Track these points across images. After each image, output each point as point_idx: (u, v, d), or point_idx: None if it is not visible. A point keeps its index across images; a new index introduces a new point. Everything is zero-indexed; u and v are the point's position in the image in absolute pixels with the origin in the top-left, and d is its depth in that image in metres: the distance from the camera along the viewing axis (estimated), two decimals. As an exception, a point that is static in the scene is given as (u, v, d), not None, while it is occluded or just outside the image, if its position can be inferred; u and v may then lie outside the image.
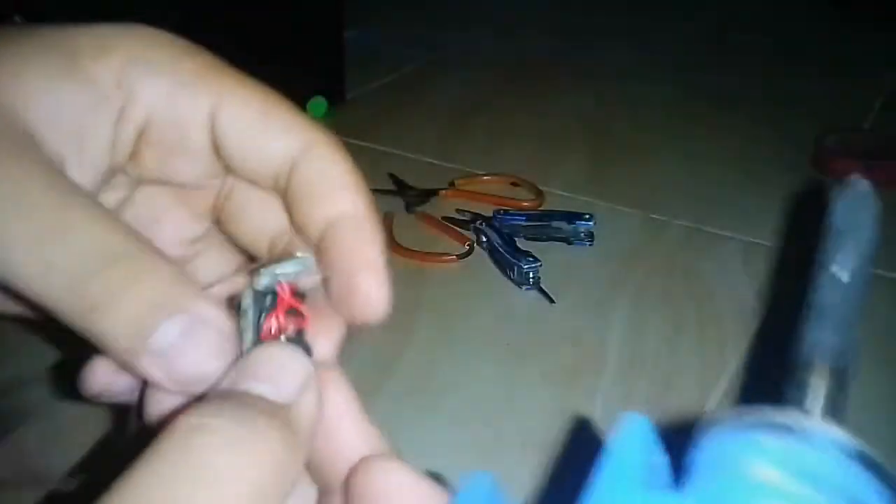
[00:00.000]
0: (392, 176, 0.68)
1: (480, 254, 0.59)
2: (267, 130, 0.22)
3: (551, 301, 0.53)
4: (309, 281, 0.21)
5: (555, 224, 0.61)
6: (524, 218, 0.61)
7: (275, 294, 0.20)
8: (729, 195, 0.66)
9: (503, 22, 1.17)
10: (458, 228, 0.61)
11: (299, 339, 0.20)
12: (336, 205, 0.22)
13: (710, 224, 0.62)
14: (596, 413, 0.44)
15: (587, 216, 0.60)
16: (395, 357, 0.49)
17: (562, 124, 0.81)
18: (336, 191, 0.22)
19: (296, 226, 0.23)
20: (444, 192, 0.67)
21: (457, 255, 0.58)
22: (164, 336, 0.18)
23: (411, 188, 0.66)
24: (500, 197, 0.66)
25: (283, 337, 0.20)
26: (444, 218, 0.63)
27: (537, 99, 0.88)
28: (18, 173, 0.18)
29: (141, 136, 0.23)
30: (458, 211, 0.64)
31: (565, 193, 0.67)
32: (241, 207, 0.24)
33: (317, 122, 0.23)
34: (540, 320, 0.52)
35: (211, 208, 0.25)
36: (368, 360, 0.48)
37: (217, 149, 0.23)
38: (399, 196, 0.66)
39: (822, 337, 0.19)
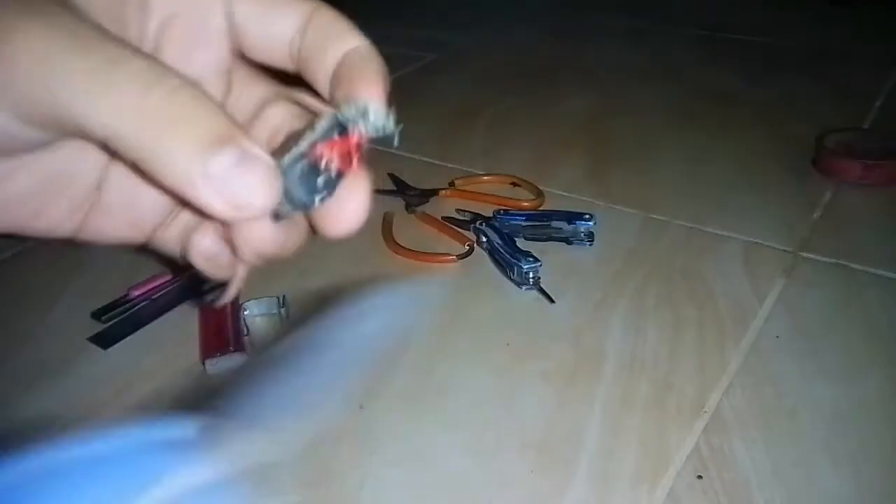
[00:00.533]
0: (392, 176, 0.68)
1: (480, 254, 0.59)
2: (276, 7, 0.24)
3: (551, 301, 0.53)
4: (379, 139, 0.23)
5: (555, 224, 0.61)
6: (524, 218, 0.61)
7: (346, 131, 0.21)
8: (729, 195, 0.66)
9: (503, 22, 1.17)
10: (458, 228, 0.61)
11: (331, 181, 0.21)
12: (344, 45, 0.24)
13: (710, 224, 0.62)
14: (595, 413, 0.44)
15: (587, 216, 0.60)
16: (394, 356, 0.48)
17: (562, 124, 0.81)
18: (342, 35, 0.24)
19: (310, 79, 0.24)
20: (444, 192, 0.67)
21: (457, 255, 0.58)
22: (221, 161, 0.19)
23: (411, 188, 0.66)
24: (500, 197, 0.66)
25: (322, 166, 0.21)
26: (444, 218, 0.63)
27: (537, 99, 0.88)
28: (70, 21, 0.19)
29: (165, 24, 0.23)
30: (458, 211, 0.64)
31: (565, 193, 0.67)
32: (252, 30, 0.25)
33: None
34: (540, 320, 0.52)
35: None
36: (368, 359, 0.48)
37: (233, 34, 0.24)
38: (399, 196, 0.66)
39: None
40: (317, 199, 0.21)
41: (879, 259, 0.56)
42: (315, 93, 0.25)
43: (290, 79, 0.25)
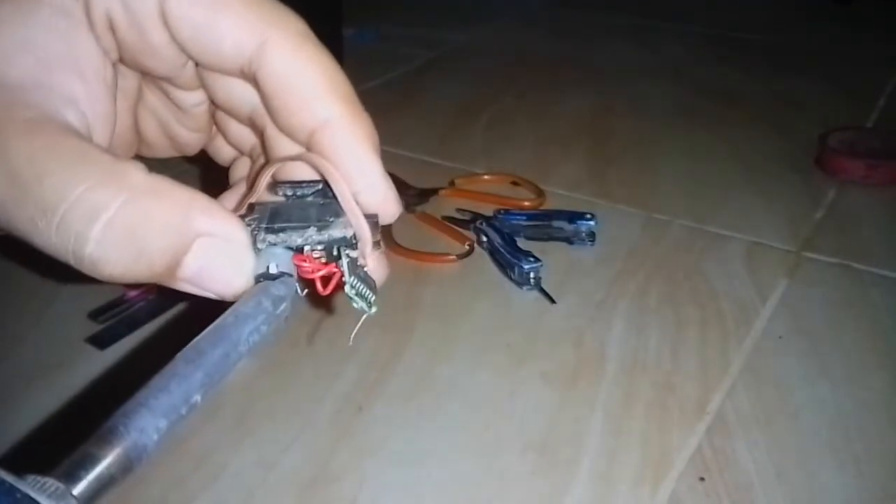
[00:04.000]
0: (392, 175, 0.67)
1: (481, 254, 0.58)
2: (214, 27, 0.21)
3: (552, 301, 0.53)
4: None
5: (556, 224, 0.60)
6: (525, 217, 0.61)
7: (337, 258, 0.21)
8: (731, 195, 0.66)
9: (503, 22, 1.16)
10: (458, 228, 0.61)
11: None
12: (311, 115, 0.21)
13: (713, 224, 0.61)
14: (596, 414, 0.44)
15: (589, 216, 0.59)
16: (394, 357, 0.48)
17: (563, 123, 0.81)
18: (307, 99, 0.21)
19: (280, 127, 0.23)
20: (444, 191, 0.66)
21: (457, 255, 0.58)
22: (192, 264, 0.19)
23: (411, 187, 0.66)
24: (500, 196, 0.65)
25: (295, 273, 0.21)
26: (444, 217, 0.63)
27: (538, 98, 0.88)
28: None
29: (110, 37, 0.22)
30: (458, 210, 0.63)
31: (566, 193, 0.67)
32: (218, 83, 0.24)
33: (275, 9, 0.21)
34: (540, 321, 0.51)
35: (195, 78, 0.24)
36: (368, 360, 0.48)
37: (177, 45, 0.22)
38: (399, 195, 0.65)
39: (143, 416, 0.19)
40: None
41: (883, 259, 0.56)
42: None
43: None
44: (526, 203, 0.64)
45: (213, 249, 0.19)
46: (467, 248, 0.58)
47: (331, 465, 0.41)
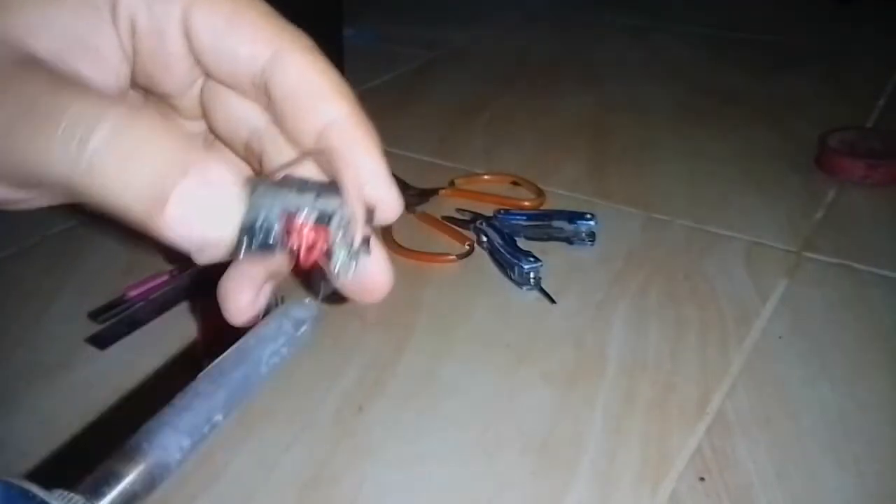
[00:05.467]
0: (392, 175, 0.67)
1: (481, 254, 0.58)
2: (232, 36, 0.22)
3: (552, 301, 0.53)
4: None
5: (556, 224, 0.60)
6: (525, 217, 0.61)
7: (328, 223, 0.21)
8: (731, 195, 0.66)
9: (503, 22, 1.16)
10: (458, 228, 0.61)
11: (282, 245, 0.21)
12: (319, 115, 0.22)
13: (713, 224, 0.61)
14: (597, 414, 0.44)
15: (588, 216, 0.59)
16: (394, 357, 0.48)
17: (563, 123, 0.81)
18: (316, 101, 0.22)
19: (287, 135, 0.23)
20: (444, 191, 0.66)
21: (457, 255, 0.58)
22: (179, 203, 0.19)
23: (411, 187, 0.66)
24: (500, 196, 0.65)
25: (282, 229, 0.20)
26: (445, 217, 0.63)
27: (538, 98, 0.88)
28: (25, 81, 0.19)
29: (132, 39, 0.23)
30: (458, 210, 0.63)
31: (566, 193, 0.67)
32: (222, 103, 0.24)
33: (287, 26, 0.23)
34: (541, 321, 0.51)
35: (197, 105, 0.25)
36: (368, 360, 0.48)
37: (194, 55, 0.23)
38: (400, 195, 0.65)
39: (166, 434, 0.19)
40: (277, 249, 0.21)
41: (883, 259, 0.56)
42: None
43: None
44: (526, 203, 0.64)
45: (204, 188, 0.19)
46: (467, 248, 0.58)
47: (331, 465, 0.41)
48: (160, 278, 0.55)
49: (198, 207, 0.19)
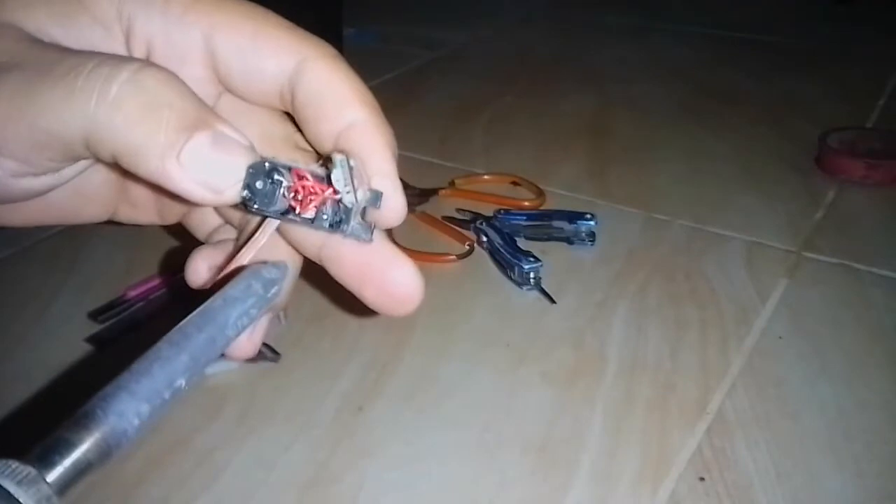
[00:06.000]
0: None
1: (481, 254, 0.58)
2: (259, 52, 0.22)
3: (552, 301, 0.53)
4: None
5: (556, 224, 0.60)
6: (525, 217, 0.61)
7: (328, 181, 0.21)
8: (731, 195, 0.66)
9: (503, 22, 1.16)
10: (458, 228, 0.61)
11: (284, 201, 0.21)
12: (341, 118, 0.22)
13: (713, 224, 0.61)
14: (597, 414, 0.44)
15: (588, 216, 0.59)
16: (394, 357, 0.48)
17: (563, 123, 0.81)
18: (338, 105, 0.22)
19: (310, 136, 0.24)
20: (444, 191, 0.66)
21: (457, 255, 0.58)
22: (194, 148, 0.19)
23: (411, 187, 0.66)
24: (500, 196, 0.65)
25: (285, 184, 0.21)
26: (445, 217, 0.63)
27: (538, 98, 0.88)
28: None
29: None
30: (458, 210, 0.63)
31: (566, 193, 0.67)
32: (240, 114, 0.24)
33: (310, 36, 0.23)
34: (540, 321, 0.51)
35: None
36: (368, 360, 0.48)
37: (218, 76, 0.23)
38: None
39: (123, 400, 0.18)
40: (278, 206, 0.21)
41: (883, 259, 0.56)
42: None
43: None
44: (526, 203, 0.64)
45: (217, 137, 0.20)
46: (467, 248, 0.58)
47: (331, 465, 0.41)
48: (160, 278, 0.55)
49: (210, 155, 0.20)
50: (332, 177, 0.21)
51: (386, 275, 0.23)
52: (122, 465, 0.41)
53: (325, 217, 0.21)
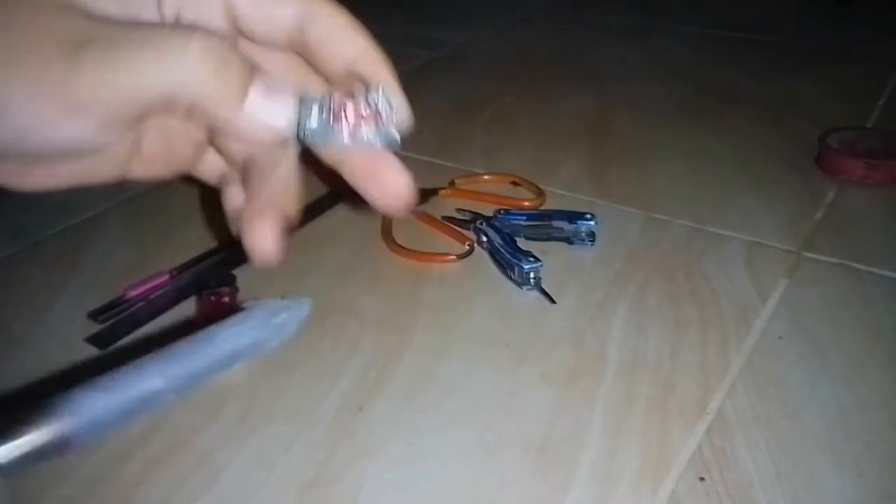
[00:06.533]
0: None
1: (481, 254, 0.58)
2: (272, 2, 0.26)
3: (552, 301, 0.53)
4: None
5: (556, 224, 0.60)
6: (525, 217, 0.61)
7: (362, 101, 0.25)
8: (731, 195, 0.66)
9: (503, 22, 1.16)
10: (458, 228, 0.61)
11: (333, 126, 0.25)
12: (348, 50, 0.27)
13: (713, 224, 0.61)
14: (596, 414, 0.44)
15: (588, 216, 0.59)
16: (394, 357, 0.48)
17: (563, 123, 0.81)
18: (345, 40, 0.27)
19: (320, 73, 0.28)
20: (444, 191, 0.66)
21: (457, 255, 0.58)
22: (255, 96, 0.24)
23: (411, 188, 0.66)
24: (500, 196, 0.65)
25: (331, 107, 0.25)
26: (445, 217, 0.63)
27: (538, 98, 0.88)
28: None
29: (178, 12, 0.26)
30: (458, 210, 0.63)
31: (566, 193, 0.67)
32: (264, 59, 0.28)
33: None
34: (540, 321, 0.51)
35: None
36: (368, 360, 0.48)
37: (236, 26, 0.26)
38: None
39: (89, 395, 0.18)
40: (328, 133, 0.25)
41: (883, 259, 0.56)
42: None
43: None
44: (526, 203, 0.64)
45: (271, 83, 0.24)
46: (467, 248, 0.58)
47: (331, 465, 0.41)
48: (160, 278, 0.55)
49: (268, 98, 0.24)
50: (370, 99, 0.25)
51: (389, 177, 0.27)
52: (122, 465, 0.41)
53: (367, 135, 0.25)
